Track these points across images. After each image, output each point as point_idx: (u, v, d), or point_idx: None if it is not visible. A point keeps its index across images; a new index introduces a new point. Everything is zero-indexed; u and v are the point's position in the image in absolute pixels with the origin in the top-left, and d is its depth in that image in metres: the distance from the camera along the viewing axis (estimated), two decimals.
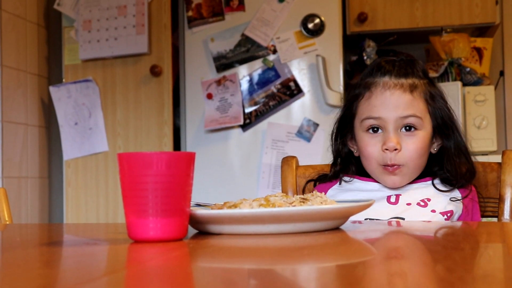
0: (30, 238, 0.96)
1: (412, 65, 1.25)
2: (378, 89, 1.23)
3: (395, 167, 1.20)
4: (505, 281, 0.49)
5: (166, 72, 2.62)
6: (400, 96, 1.21)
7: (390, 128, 1.20)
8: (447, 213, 1.19)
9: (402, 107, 1.20)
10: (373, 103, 1.22)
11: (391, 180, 1.22)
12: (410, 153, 1.20)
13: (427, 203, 1.20)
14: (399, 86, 1.21)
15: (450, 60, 2.54)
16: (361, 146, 1.25)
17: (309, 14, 2.49)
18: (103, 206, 2.65)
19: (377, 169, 1.23)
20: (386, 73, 1.23)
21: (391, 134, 1.20)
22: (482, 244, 0.78)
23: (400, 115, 1.20)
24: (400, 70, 1.23)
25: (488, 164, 1.29)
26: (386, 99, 1.21)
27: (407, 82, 1.22)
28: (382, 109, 1.21)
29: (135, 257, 0.69)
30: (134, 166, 0.75)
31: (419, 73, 1.25)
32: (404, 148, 1.20)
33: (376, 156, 1.22)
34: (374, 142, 1.22)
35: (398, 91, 1.21)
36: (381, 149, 1.21)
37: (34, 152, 2.76)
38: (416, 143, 1.21)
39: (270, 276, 0.54)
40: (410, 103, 1.21)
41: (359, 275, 0.54)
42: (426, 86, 1.24)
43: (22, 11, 2.70)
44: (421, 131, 1.22)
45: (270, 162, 2.48)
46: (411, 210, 1.19)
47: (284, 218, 0.79)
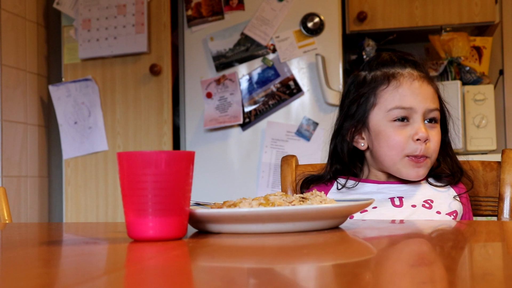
0: (29, 237, 0.96)
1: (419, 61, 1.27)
2: (406, 79, 1.21)
3: (422, 158, 1.19)
4: (504, 280, 0.49)
5: (165, 71, 2.61)
6: (427, 87, 1.22)
7: (419, 119, 1.20)
8: (452, 213, 1.19)
9: (430, 98, 1.21)
10: (403, 92, 1.20)
11: (416, 172, 1.20)
12: (435, 145, 1.20)
13: (432, 205, 1.20)
14: (424, 78, 1.22)
15: (449, 59, 2.54)
16: (385, 136, 1.21)
17: (309, 13, 2.49)
18: (103, 205, 2.65)
19: (402, 160, 1.20)
20: (406, 65, 1.24)
21: (421, 124, 1.19)
22: (481, 243, 0.78)
23: (429, 107, 1.20)
24: (416, 63, 1.25)
25: (487, 163, 1.29)
26: (415, 88, 1.21)
27: (426, 76, 1.24)
28: (413, 99, 1.20)
29: (134, 256, 0.69)
30: (134, 165, 0.75)
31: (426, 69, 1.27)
32: (431, 140, 1.20)
33: (404, 146, 1.19)
34: (403, 132, 1.20)
35: (425, 82, 1.22)
36: (412, 139, 1.18)
37: (33, 151, 2.76)
38: (437, 135, 1.22)
39: (269, 275, 0.54)
40: (434, 96, 1.23)
41: (358, 274, 0.54)
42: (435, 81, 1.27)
43: (21, 10, 2.70)
44: (438, 124, 1.23)
45: (269, 161, 2.48)
46: (418, 213, 1.18)
47: (284, 217, 0.79)
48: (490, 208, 1.27)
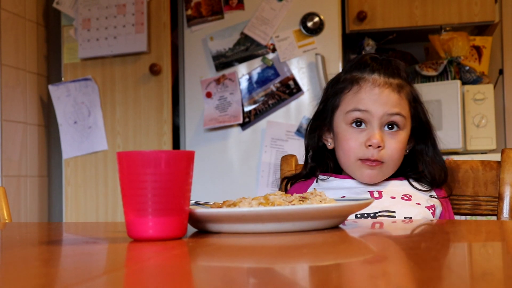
0: (29, 237, 0.96)
1: (398, 67, 1.26)
2: (368, 85, 1.22)
3: (376, 162, 1.20)
4: (504, 280, 0.49)
5: (165, 71, 2.61)
6: (389, 95, 1.21)
7: (375, 124, 1.20)
8: (431, 207, 1.20)
9: (390, 104, 1.20)
10: (362, 96, 1.21)
11: (368, 174, 1.21)
12: (392, 152, 1.20)
13: (411, 198, 1.20)
14: (388, 85, 1.21)
15: (449, 58, 2.54)
16: (341, 139, 1.24)
17: (309, 13, 2.49)
18: (103, 205, 2.65)
19: (355, 163, 1.22)
20: (375, 71, 1.23)
21: (376, 131, 1.19)
22: (481, 242, 0.78)
23: (388, 112, 1.20)
24: (388, 70, 1.24)
25: (487, 163, 1.29)
26: (375, 95, 1.21)
27: (395, 82, 1.22)
28: (371, 103, 1.20)
29: (134, 255, 0.69)
30: (134, 164, 0.75)
31: (404, 75, 1.26)
32: (387, 147, 1.20)
33: (356, 151, 1.21)
34: (357, 136, 1.21)
35: (388, 89, 1.21)
36: (364, 144, 1.20)
37: (33, 151, 2.76)
38: (398, 142, 1.21)
39: (269, 275, 0.54)
40: (398, 102, 1.21)
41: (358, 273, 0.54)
42: (410, 88, 1.25)
43: (21, 9, 2.70)
44: (403, 131, 1.22)
45: (269, 160, 2.48)
46: (398, 204, 1.19)
47: (283, 216, 0.79)
48: (490, 207, 1.27)
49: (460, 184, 1.29)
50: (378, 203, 1.20)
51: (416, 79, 2.63)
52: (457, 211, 1.29)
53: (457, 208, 1.29)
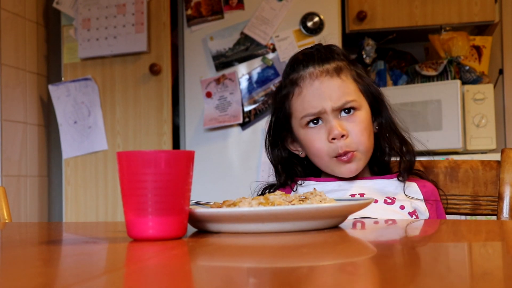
0: (29, 236, 0.96)
1: (330, 50, 1.22)
2: (306, 81, 1.18)
3: (349, 154, 1.16)
4: (504, 280, 0.50)
5: (165, 71, 2.61)
6: (329, 83, 1.17)
7: (330, 117, 1.17)
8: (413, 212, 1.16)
9: (335, 94, 1.17)
10: (306, 97, 1.18)
11: (346, 169, 1.18)
12: (357, 135, 1.17)
13: (394, 201, 1.16)
14: (325, 73, 1.18)
15: (449, 58, 2.54)
16: (306, 144, 1.21)
17: (308, 13, 2.49)
18: (102, 205, 2.65)
19: (330, 162, 1.19)
20: (308, 64, 1.20)
21: (333, 123, 1.16)
22: (481, 242, 0.78)
23: (335, 105, 1.16)
24: (320, 57, 1.20)
25: (487, 163, 1.29)
26: (316, 89, 1.17)
27: (331, 67, 1.19)
28: (317, 102, 1.17)
29: (134, 255, 0.69)
30: (133, 164, 0.75)
31: (340, 56, 1.22)
32: (351, 133, 1.17)
33: (325, 149, 1.17)
34: (319, 135, 1.18)
35: (326, 77, 1.18)
36: (328, 140, 1.17)
37: (33, 151, 2.76)
38: (359, 124, 1.17)
39: (269, 275, 0.54)
40: (341, 87, 1.17)
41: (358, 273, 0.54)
42: (350, 66, 1.21)
43: (21, 9, 2.70)
44: (360, 111, 1.18)
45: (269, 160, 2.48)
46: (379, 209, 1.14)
47: (283, 216, 0.79)
48: (490, 207, 1.27)
49: (460, 184, 1.29)
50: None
51: (416, 79, 2.63)
52: (457, 211, 1.29)
53: (457, 208, 1.29)
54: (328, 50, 1.22)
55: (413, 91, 2.49)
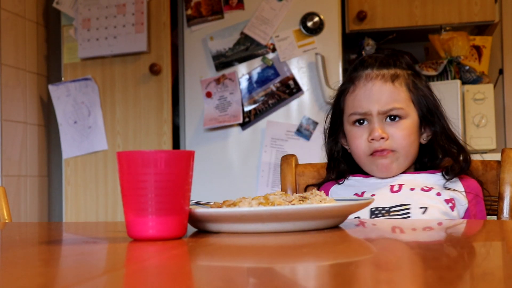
0: (29, 236, 0.96)
1: (395, 58, 1.28)
2: (361, 82, 1.25)
3: (385, 151, 1.22)
4: (504, 280, 0.49)
5: (165, 71, 2.61)
6: (381, 87, 1.23)
7: (374, 120, 1.23)
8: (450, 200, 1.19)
9: (384, 99, 1.23)
10: (357, 96, 1.25)
11: (381, 164, 1.23)
12: (398, 139, 1.22)
13: (431, 189, 1.20)
14: (380, 77, 1.24)
15: (449, 58, 2.54)
16: (350, 140, 1.28)
17: (308, 13, 2.49)
18: (102, 205, 2.65)
19: (366, 160, 1.25)
20: (368, 66, 1.27)
21: (376, 125, 1.23)
22: (481, 242, 0.78)
23: (382, 108, 1.22)
24: (382, 62, 1.26)
25: (487, 162, 1.29)
26: (368, 90, 1.24)
27: (388, 73, 1.25)
28: (365, 103, 1.23)
29: (134, 255, 0.69)
30: (133, 164, 0.75)
31: (402, 65, 1.28)
32: (391, 136, 1.22)
33: (363, 147, 1.24)
34: (361, 134, 1.25)
35: (380, 81, 1.24)
36: (368, 140, 1.23)
37: (33, 151, 2.76)
38: (402, 130, 1.23)
39: (269, 275, 0.54)
40: (392, 93, 1.23)
41: (358, 273, 0.54)
42: (409, 75, 1.27)
43: (21, 9, 2.70)
44: (406, 119, 1.24)
45: (269, 160, 2.48)
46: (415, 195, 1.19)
47: (284, 216, 0.79)
48: (490, 207, 1.27)
49: None
50: (394, 196, 1.20)
51: None
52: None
53: None
54: (393, 57, 1.29)
55: None
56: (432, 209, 1.16)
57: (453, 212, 1.18)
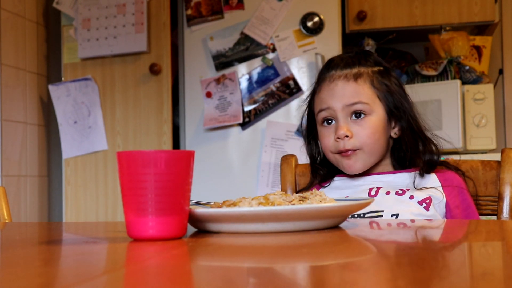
0: (29, 236, 0.96)
1: (361, 56, 1.31)
2: (326, 82, 1.29)
3: (349, 152, 1.25)
4: (504, 280, 0.49)
5: (165, 71, 2.61)
6: (344, 86, 1.26)
7: (339, 117, 1.25)
8: (425, 200, 1.20)
9: (348, 95, 1.25)
10: (322, 96, 1.29)
11: (346, 164, 1.26)
12: (362, 138, 1.24)
13: (405, 192, 1.22)
14: (343, 77, 1.27)
15: (449, 58, 2.54)
16: (320, 139, 1.32)
17: (308, 13, 2.49)
18: (102, 205, 2.65)
19: (334, 157, 1.28)
20: (333, 67, 1.29)
21: (340, 123, 1.25)
22: (481, 242, 0.78)
23: (346, 103, 1.25)
24: (347, 62, 1.29)
25: (487, 162, 1.29)
26: (331, 90, 1.27)
27: (351, 72, 1.27)
28: (329, 100, 1.26)
29: (134, 255, 0.69)
30: (133, 164, 0.75)
31: (368, 63, 1.29)
32: (355, 134, 1.24)
33: (330, 146, 1.27)
34: (328, 133, 1.28)
35: (342, 81, 1.26)
36: (334, 139, 1.26)
37: (33, 151, 2.76)
38: (366, 128, 1.25)
39: (269, 275, 0.54)
40: (355, 91, 1.26)
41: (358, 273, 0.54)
42: (373, 72, 1.28)
43: (21, 9, 2.70)
44: (371, 116, 1.25)
45: (269, 160, 2.48)
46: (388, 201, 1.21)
47: (283, 216, 0.79)
48: (490, 207, 1.27)
49: None
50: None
51: (416, 79, 2.63)
52: None
53: None
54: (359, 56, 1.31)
55: (413, 91, 2.47)
56: (404, 214, 1.18)
57: (429, 211, 1.19)
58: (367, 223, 1.00)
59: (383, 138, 1.27)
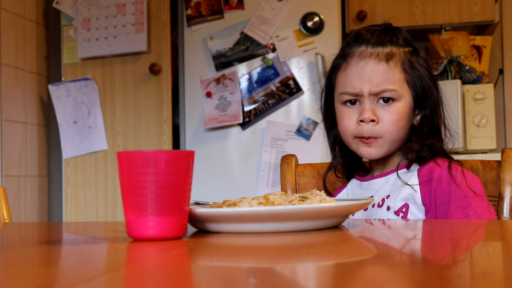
0: (29, 236, 0.96)
1: (392, 33, 1.21)
2: (354, 59, 1.19)
3: (370, 139, 1.17)
4: (504, 280, 0.49)
5: (165, 71, 2.61)
6: (375, 67, 1.17)
7: (365, 100, 1.17)
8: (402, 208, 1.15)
9: (377, 79, 1.16)
10: (349, 75, 1.19)
11: (366, 151, 1.19)
12: (387, 125, 1.17)
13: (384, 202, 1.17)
14: (374, 55, 1.18)
15: (449, 58, 2.54)
16: (338, 119, 1.23)
17: (308, 13, 2.49)
18: (102, 205, 2.65)
19: (353, 141, 1.20)
20: (363, 42, 1.20)
21: (366, 106, 1.17)
22: (481, 242, 0.78)
23: (375, 87, 1.16)
24: (378, 39, 1.19)
25: (487, 162, 1.29)
26: (361, 69, 1.18)
27: (383, 51, 1.18)
28: (357, 82, 1.17)
29: (134, 255, 0.69)
30: (133, 164, 0.75)
31: (399, 41, 1.20)
32: (381, 120, 1.17)
33: (351, 128, 1.19)
34: (350, 114, 1.19)
35: (374, 60, 1.17)
36: (357, 121, 1.18)
37: (33, 151, 2.76)
38: (393, 114, 1.17)
39: (269, 275, 0.54)
40: (385, 73, 1.17)
41: (358, 273, 0.54)
42: (405, 54, 1.20)
43: (21, 9, 2.70)
44: (399, 102, 1.17)
45: (269, 160, 2.48)
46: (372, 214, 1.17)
47: (284, 216, 0.79)
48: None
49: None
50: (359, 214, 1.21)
51: None
52: None
53: None
54: (390, 33, 1.21)
55: None
56: None
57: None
58: (367, 223, 1.00)
59: (406, 127, 1.19)
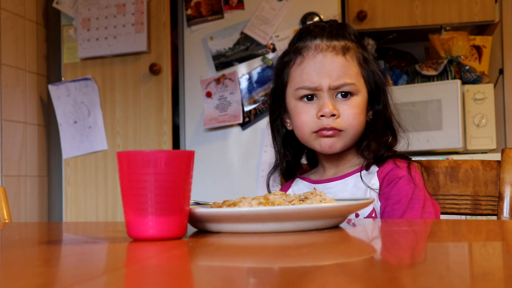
0: (29, 236, 0.96)
1: (343, 28, 1.19)
2: (310, 53, 1.16)
3: (331, 132, 1.14)
4: (504, 280, 0.49)
5: (165, 71, 2.61)
6: (333, 59, 1.14)
7: (324, 95, 1.14)
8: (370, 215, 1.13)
9: (336, 73, 1.14)
10: (306, 69, 1.15)
11: (326, 142, 1.15)
12: (348, 119, 1.14)
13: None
14: (331, 48, 1.15)
15: (449, 58, 2.54)
16: (293, 115, 1.18)
17: (308, 13, 2.49)
18: (102, 205, 2.65)
19: (311, 137, 1.16)
20: (317, 36, 1.17)
21: (326, 100, 1.14)
22: (481, 242, 0.78)
23: (335, 81, 1.13)
24: (331, 32, 1.17)
25: (487, 162, 1.29)
26: (318, 63, 1.14)
27: (339, 44, 1.16)
28: (315, 76, 1.14)
29: (134, 255, 0.69)
30: (133, 164, 0.75)
31: (351, 36, 1.19)
32: (342, 114, 1.14)
33: (310, 124, 1.15)
34: (308, 109, 1.16)
35: (331, 53, 1.15)
36: (317, 116, 1.14)
37: (33, 151, 2.76)
38: (353, 108, 1.14)
39: (269, 275, 0.54)
40: (343, 67, 1.14)
41: (358, 273, 0.54)
42: (358, 49, 1.18)
43: (21, 9, 2.70)
44: (358, 96, 1.16)
45: (269, 160, 2.47)
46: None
47: (284, 216, 0.79)
48: (490, 207, 1.27)
49: (460, 184, 1.29)
50: None
51: (416, 79, 2.63)
52: (457, 211, 1.29)
53: (457, 208, 1.29)
54: (341, 27, 1.19)
55: (413, 91, 2.49)
56: None
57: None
58: (367, 223, 1.00)
59: (364, 122, 1.17)
